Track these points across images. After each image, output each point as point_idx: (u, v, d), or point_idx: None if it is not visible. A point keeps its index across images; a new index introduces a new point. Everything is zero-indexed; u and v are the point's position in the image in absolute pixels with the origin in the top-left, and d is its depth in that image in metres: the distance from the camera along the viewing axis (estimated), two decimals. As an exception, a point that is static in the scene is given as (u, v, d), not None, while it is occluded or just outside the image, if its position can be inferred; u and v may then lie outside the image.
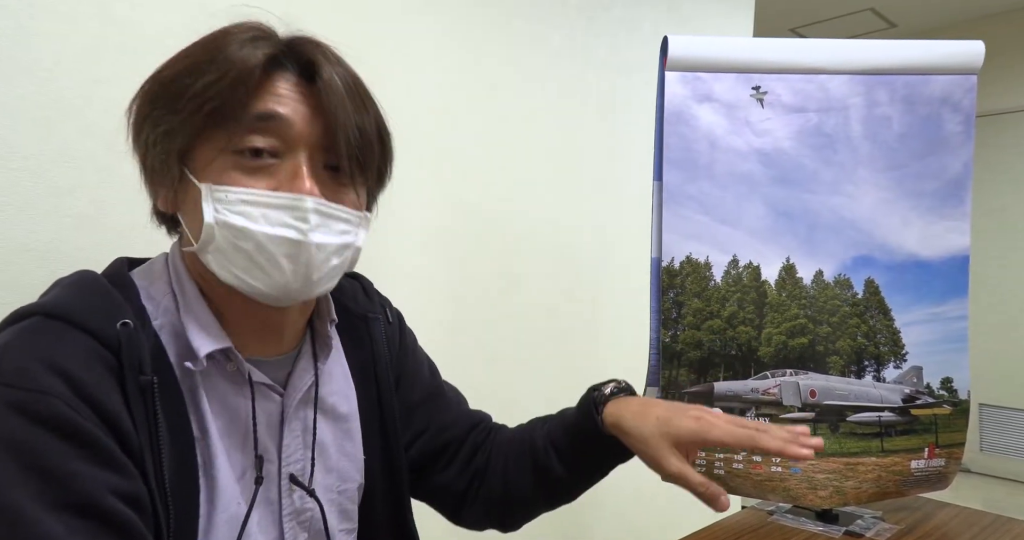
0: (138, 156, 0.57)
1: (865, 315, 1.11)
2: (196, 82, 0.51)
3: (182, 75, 0.53)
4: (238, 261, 0.53)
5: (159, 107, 0.54)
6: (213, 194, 0.52)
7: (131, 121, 0.56)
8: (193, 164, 0.54)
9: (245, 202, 0.52)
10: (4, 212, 0.82)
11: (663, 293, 1.10)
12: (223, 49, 0.52)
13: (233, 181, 0.52)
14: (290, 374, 0.63)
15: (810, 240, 1.10)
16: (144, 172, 0.57)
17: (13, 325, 0.51)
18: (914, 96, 1.10)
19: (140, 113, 0.55)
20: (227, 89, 0.51)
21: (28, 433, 0.46)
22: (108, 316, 0.51)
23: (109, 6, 0.91)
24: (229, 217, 0.52)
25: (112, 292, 0.54)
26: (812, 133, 1.10)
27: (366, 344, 0.71)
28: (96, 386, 0.49)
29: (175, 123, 0.52)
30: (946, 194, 1.11)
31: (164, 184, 0.56)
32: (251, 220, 0.52)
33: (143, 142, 0.55)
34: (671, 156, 1.09)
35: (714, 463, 1.07)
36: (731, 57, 1.09)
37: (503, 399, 1.52)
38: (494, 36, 1.47)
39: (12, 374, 0.47)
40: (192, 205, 0.54)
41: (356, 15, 1.23)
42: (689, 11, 1.98)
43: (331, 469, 0.66)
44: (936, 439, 1.11)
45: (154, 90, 0.55)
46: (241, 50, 0.52)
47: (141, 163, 0.57)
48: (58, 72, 0.86)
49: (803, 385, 1.09)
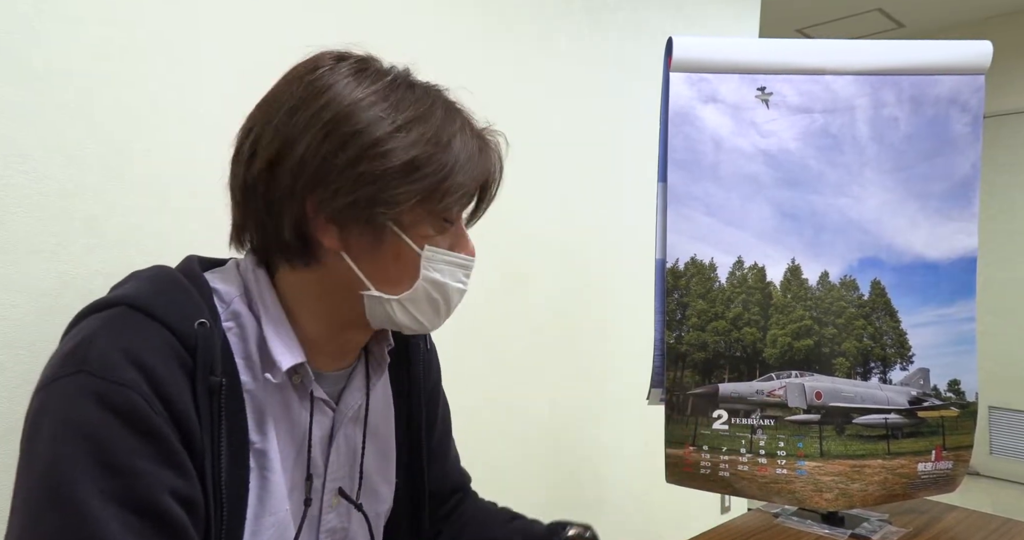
0: (334, 200, 0.56)
1: (871, 317, 1.11)
2: (447, 177, 0.57)
3: (426, 162, 0.56)
4: (426, 308, 0.61)
5: (391, 178, 0.56)
6: (426, 254, 0.59)
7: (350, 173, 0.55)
8: (401, 222, 0.58)
9: (444, 262, 0.61)
10: (12, 213, 0.83)
11: (668, 294, 1.09)
12: (458, 149, 0.58)
13: (437, 243, 0.60)
14: (343, 390, 0.66)
15: (816, 241, 1.10)
16: (334, 213, 0.57)
17: (97, 313, 0.54)
18: (921, 96, 1.09)
19: (379, 179, 0.56)
20: (470, 186, 0.60)
21: (105, 425, 0.48)
22: (187, 314, 0.54)
23: (115, 8, 0.91)
24: (432, 273, 0.60)
25: (191, 290, 0.57)
26: (818, 134, 1.09)
27: (404, 367, 0.74)
28: (171, 383, 0.51)
29: (407, 197, 0.56)
30: (954, 195, 1.10)
31: (347, 228, 0.58)
32: (444, 277, 0.61)
33: (346, 193, 0.55)
34: (676, 157, 1.08)
35: (719, 465, 1.07)
36: (736, 58, 1.09)
37: (508, 400, 1.53)
38: (500, 37, 1.47)
39: (98, 364, 0.49)
40: (392, 258, 0.59)
41: (358, 15, 1.23)
42: (694, 12, 1.98)
43: (370, 490, 0.68)
44: (943, 441, 1.10)
45: (390, 163, 0.55)
46: (476, 150, 0.60)
47: (321, 202, 0.56)
48: (65, 74, 0.87)
49: (808, 387, 1.08)
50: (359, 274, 0.59)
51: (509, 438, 1.52)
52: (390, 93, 0.58)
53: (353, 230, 0.57)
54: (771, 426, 1.07)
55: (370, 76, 0.58)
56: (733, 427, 1.08)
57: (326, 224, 0.57)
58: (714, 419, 1.08)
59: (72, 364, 0.50)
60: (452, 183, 0.57)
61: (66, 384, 0.49)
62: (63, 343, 0.53)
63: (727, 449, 1.07)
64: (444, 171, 0.57)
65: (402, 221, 0.58)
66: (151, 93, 0.94)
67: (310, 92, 0.56)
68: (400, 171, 0.55)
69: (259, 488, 0.57)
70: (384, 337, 0.69)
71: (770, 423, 1.07)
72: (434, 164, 0.56)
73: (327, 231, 0.57)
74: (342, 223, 0.57)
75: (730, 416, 1.08)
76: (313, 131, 0.55)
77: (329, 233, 0.57)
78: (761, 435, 1.07)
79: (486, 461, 1.45)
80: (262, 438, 0.58)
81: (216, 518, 0.53)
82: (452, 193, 0.58)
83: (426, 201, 0.57)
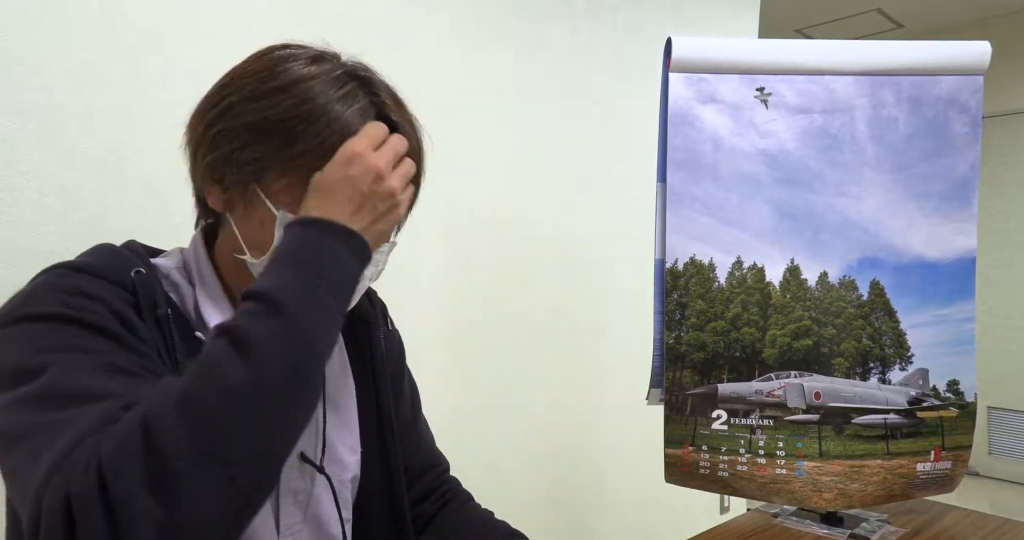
0: (200, 157, 0.60)
1: (870, 317, 1.11)
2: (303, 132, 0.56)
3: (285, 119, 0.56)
4: None
5: (255, 138, 0.57)
6: (280, 217, 0.57)
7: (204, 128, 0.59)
8: (267, 186, 0.58)
9: None
10: (12, 214, 0.83)
11: (667, 295, 1.09)
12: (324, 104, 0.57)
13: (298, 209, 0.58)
14: None
15: (815, 241, 1.10)
16: (206, 173, 0.60)
17: (36, 279, 0.56)
18: (920, 97, 1.09)
19: (225, 131, 0.58)
20: (329, 147, 0.56)
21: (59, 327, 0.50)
22: (122, 267, 0.56)
23: (114, 9, 0.91)
24: None
25: (124, 252, 0.59)
26: (817, 134, 1.10)
27: (365, 346, 0.74)
28: (122, 308, 0.53)
29: (267, 155, 0.57)
30: (953, 195, 1.10)
31: (226, 189, 0.60)
32: None
33: (219, 154, 0.58)
34: (675, 157, 1.08)
35: (718, 465, 1.07)
36: (735, 58, 1.09)
37: (508, 400, 1.53)
38: (499, 38, 1.47)
39: (40, 298, 0.52)
40: (257, 222, 0.59)
41: (359, 15, 1.23)
42: (694, 12, 1.98)
43: (334, 459, 0.68)
44: (942, 442, 1.10)
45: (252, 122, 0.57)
46: (342, 106, 0.57)
47: (205, 166, 0.60)
48: (64, 75, 0.87)
49: (808, 387, 1.08)
50: (238, 237, 0.60)
51: (509, 438, 1.52)
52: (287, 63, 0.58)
53: (233, 193, 0.59)
54: (770, 426, 1.07)
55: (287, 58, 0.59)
56: (732, 427, 1.08)
57: (210, 185, 0.60)
58: (713, 419, 1.08)
59: (17, 304, 0.52)
60: (300, 145, 0.56)
61: (14, 316, 0.51)
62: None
63: (726, 449, 1.07)
64: (293, 133, 0.56)
65: (269, 186, 0.58)
66: (150, 93, 0.94)
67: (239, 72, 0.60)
68: (248, 130, 0.57)
69: None
70: None
71: (769, 423, 1.07)
72: (284, 126, 0.56)
73: (211, 192, 0.60)
74: (220, 183, 0.59)
75: (729, 416, 1.08)
76: (204, 100, 0.60)
77: (213, 193, 0.60)
78: (760, 435, 1.07)
79: (486, 461, 1.46)
80: None
81: None
82: (304, 157, 0.56)
83: (281, 164, 0.57)
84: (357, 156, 0.55)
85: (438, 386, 1.34)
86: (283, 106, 0.56)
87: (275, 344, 0.46)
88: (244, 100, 0.57)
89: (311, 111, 0.56)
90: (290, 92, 0.57)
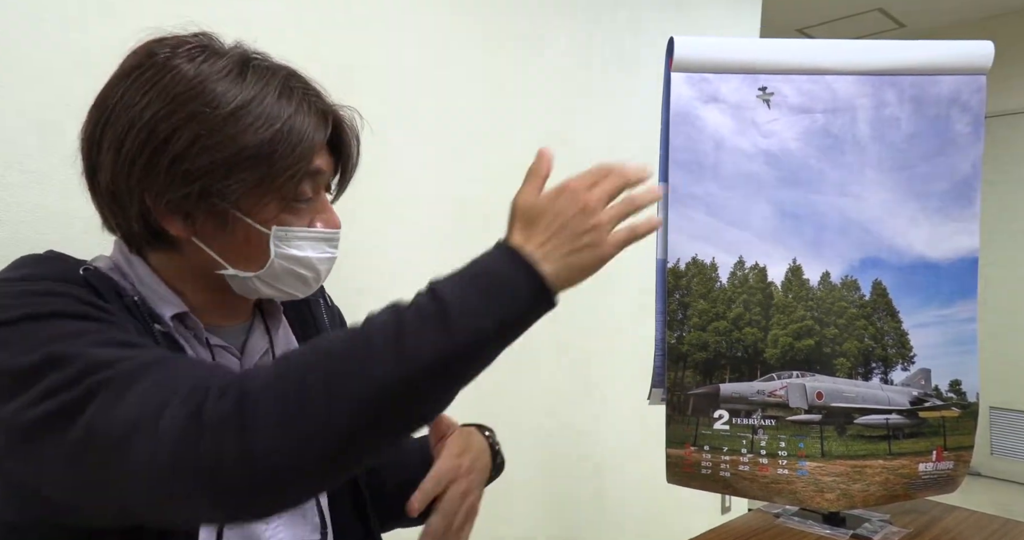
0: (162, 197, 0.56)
1: (872, 317, 1.11)
2: (274, 151, 0.56)
3: (262, 147, 0.56)
4: (288, 280, 0.63)
5: (236, 171, 0.56)
6: (276, 234, 0.60)
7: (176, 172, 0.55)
8: (245, 207, 0.59)
9: (298, 238, 0.61)
10: (15, 214, 0.83)
11: (669, 294, 1.09)
12: (294, 122, 0.58)
13: (287, 222, 0.61)
14: (246, 341, 0.68)
15: (817, 241, 1.10)
16: (167, 209, 0.57)
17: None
18: (922, 96, 1.09)
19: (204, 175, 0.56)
20: (303, 164, 0.59)
21: (47, 323, 0.49)
22: (66, 269, 0.56)
23: (117, 8, 0.91)
24: (288, 250, 0.61)
25: (57, 258, 0.59)
26: (819, 134, 1.09)
27: (310, 323, 0.76)
28: (90, 297, 0.53)
29: (252, 185, 0.57)
30: (955, 195, 1.10)
31: (190, 216, 0.58)
32: (303, 251, 0.62)
33: (193, 193, 0.56)
34: (677, 157, 1.08)
35: (720, 465, 1.07)
36: (737, 58, 1.09)
37: (508, 400, 1.53)
38: (500, 37, 1.47)
39: (9, 306, 0.50)
40: (240, 239, 0.60)
41: (359, 15, 1.23)
42: (695, 12, 1.98)
43: None
44: (944, 442, 1.10)
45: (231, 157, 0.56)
46: (311, 128, 0.59)
47: (171, 203, 0.57)
48: (67, 74, 0.87)
49: (810, 387, 1.08)
50: (214, 256, 0.60)
51: (509, 438, 1.51)
52: (217, 82, 0.56)
53: (197, 218, 0.58)
54: (772, 426, 1.07)
55: (200, 61, 0.57)
56: (734, 427, 1.08)
57: (169, 215, 0.58)
58: (715, 419, 1.08)
59: None
60: (281, 166, 0.57)
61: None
62: None
63: (728, 449, 1.07)
64: (274, 158, 0.56)
65: (244, 206, 0.58)
66: (152, 93, 0.94)
67: (137, 85, 0.56)
68: (225, 164, 0.55)
69: None
70: None
71: (771, 423, 1.07)
72: (262, 153, 0.56)
73: (171, 221, 0.58)
74: (184, 213, 0.58)
75: (731, 416, 1.08)
76: (137, 128, 0.55)
77: (174, 223, 0.58)
78: (762, 435, 1.07)
79: (487, 461, 1.45)
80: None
81: None
82: (286, 176, 0.58)
83: (262, 185, 0.57)
84: (570, 189, 0.58)
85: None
86: (255, 133, 0.56)
87: (429, 354, 0.48)
88: (208, 132, 0.55)
89: (280, 132, 0.57)
90: (251, 115, 0.56)
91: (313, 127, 0.59)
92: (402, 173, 1.32)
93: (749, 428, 1.07)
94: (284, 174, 0.57)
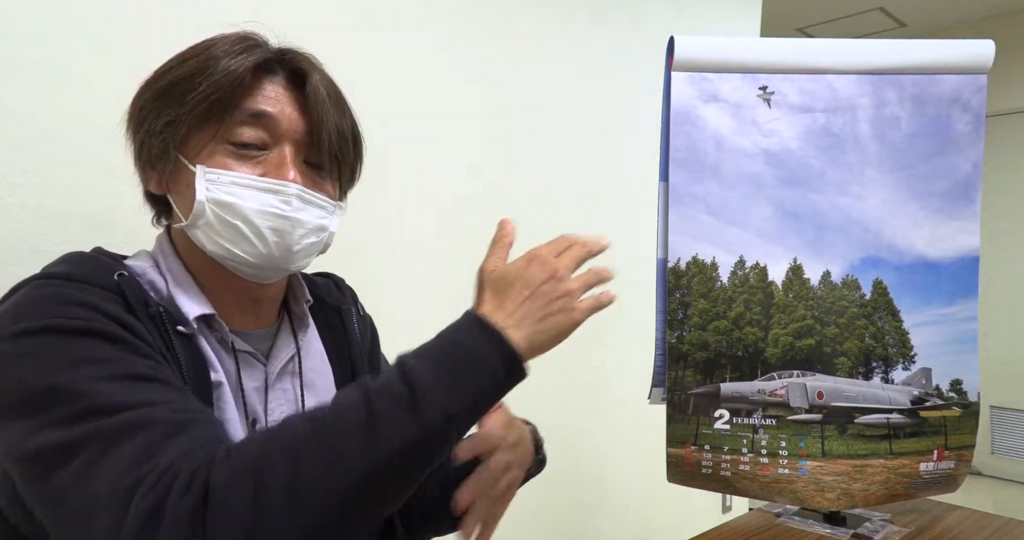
0: (135, 144, 0.63)
1: (873, 316, 1.11)
2: (198, 83, 0.58)
3: (183, 77, 0.59)
4: (226, 233, 0.60)
5: (163, 102, 0.60)
6: (206, 175, 0.59)
7: (133, 112, 0.62)
8: (188, 151, 0.60)
9: (235, 184, 0.59)
10: (16, 213, 0.83)
11: (669, 294, 1.09)
12: (219, 57, 0.59)
13: (225, 166, 0.59)
14: (271, 348, 0.68)
15: (817, 241, 1.10)
16: (140, 158, 0.63)
17: (13, 295, 0.54)
18: (923, 96, 1.09)
19: (144, 106, 0.61)
20: (224, 89, 0.58)
21: (64, 342, 0.49)
22: (104, 272, 0.56)
23: (117, 8, 0.91)
24: (220, 195, 0.59)
25: (98, 257, 0.60)
26: (819, 133, 1.09)
27: (340, 331, 0.76)
28: (117, 311, 0.53)
29: (176, 115, 0.59)
30: (955, 194, 1.10)
31: (158, 168, 0.61)
32: (240, 199, 0.59)
33: (144, 131, 0.61)
34: (677, 156, 1.08)
35: (721, 464, 1.07)
36: (738, 57, 1.09)
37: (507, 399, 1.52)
38: (500, 37, 1.47)
39: (33, 314, 0.51)
40: (185, 186, 0.60)
41: (359, 16, 1.23)
42: (695, 11, 1.98)
43: None
44: (945, 441, 1.10)
45: (159, 87, 0.60)
46: (235, 58, 0.60)
47: (138, 150, 0.63)
48: (68, 74, 0.87)
49: (810, 386, 1.08)
50: (177, 211, 0.62)
51: (510, 438, 1.51)
52: (198, 46, 0.61)
53: (165, 171, 0.61)
54: (773, 426, 1.07)
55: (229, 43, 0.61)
56: (735, 427, 1.07)
57: (148, 172, 0.62)
58: (716, 418, 1.08)
59: (7, 321, 0.51)
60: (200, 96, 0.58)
61: (10, 333, 0.50)
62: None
63: (729, 449, 1.07)
64: (194, 88, 0.58)
65: (189, 151, 0.60)
66: (153, 93, 0.94)
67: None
68: (157, 96, 0.59)
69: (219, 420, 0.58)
70: (297, 294, 0.71)
71: (772, 423, 1.07)
72: (183, 86, 0.58)
73: (150, 178, 0.63)
74: (152, 165, 0.61)
75: (732, 416, 1.08)
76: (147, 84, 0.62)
77: (152, 179, 0.62)
78: (763, 435, 1.07)
79: (487, 461, 1.46)
80: (215, 372, 0.60)
81: None
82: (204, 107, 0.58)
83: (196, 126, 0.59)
84: (540, 257, 0.58)
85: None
86: (185, 66, 0.59)
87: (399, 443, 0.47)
88: (157, 75, 0.61)
89: (207, 65, 0.58)
90: (194, 55, 0.60)
91: (238, 61, 0.59)
92: (399, 173, 1.32)
93: (750, 427, 1.07)
94: (202, 105, 0.58)
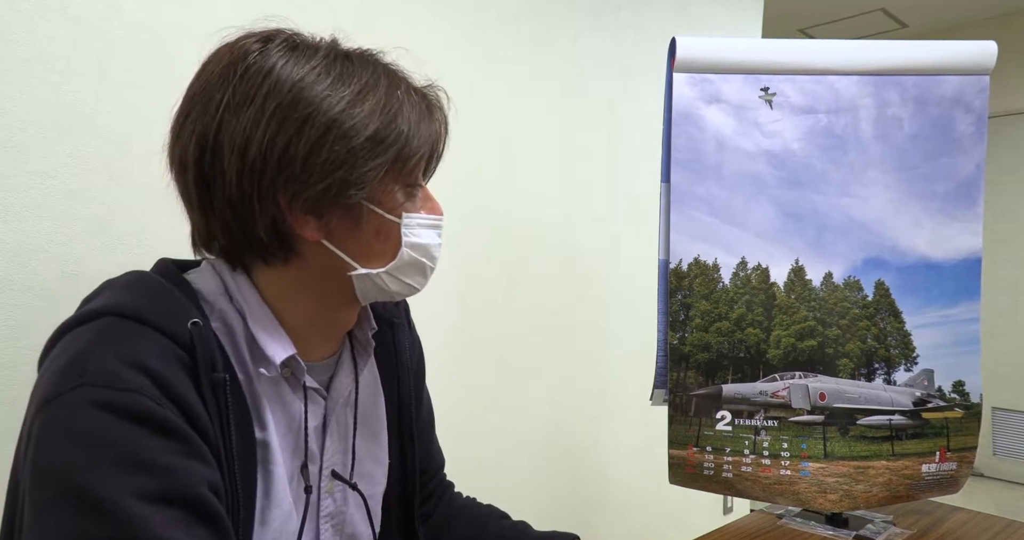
0: (301, 195, 0.55)
1: (875, 317, 1.10)
2: (405, 146, 0.58)
3: (390, 133, 0.57)
4: (412, 272, 0.62)
5: (371, 156, 0.56)
6: (405, 222, 0.60)
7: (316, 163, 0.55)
8: (374, 198, 0.59)
9: (420, 225, 0.62)
10: (18, 214, 0.83)
11: (671, 295, 1.09)
12: (425, 122, 0.60)
13: (408, 209, 0.61)
14: (332, 378, 0.66)
15: (819, 242, 1.10)
16: (303, 209, 0.56)
17: (82, 325, 0.52)
18: (925, 97, 1.09)
19: (343, 163, 0.55)
20: (429, 156, 0.62)
21: (120, 428, 0.47)
22: (178, 316, 0.53)
23: (120, 8, 0.92)
24: (413, 239, 0.61)
25: (174, 291, 0.56)
26: (822, 134, 1.09)
27: (391, 350, 0.74)
28: (177, 383, 0.51)
29: (371, 170, 0.56)
30: (958, 195, 1.10)
31: (325, 216, 0.57)
32: (421, 238, 0.62)
33: (334, 183, 0.55)
34: (679, 157, 1.08)
35: (722, 466, 1.07)
36: (739, 58, 1.09)
37: (509, 401, 1.53)
38: (501, 37, 1.47)
39: (96, 374, 0.48)
40: (370, 234, 0.59)
41: (359, 15, 1.23)
42: (697, 12, 1.98)
43: (363, 473, 0.68)
44: (947, 442, 1.09)
45: (369, 139, 0.56)
46: (434, 125, 0.61)
47: (309, 201, 0.56)
48: (69, 75, 0.87)
49: (812, 388, 1.08)
50: (344, 258, 0.59)
51: (511, 439, 1.52)
52: (330, 68, 0.56)
53: (332, 217, 0.57)
54: (775, 427, 1.07)
55: (304, 53, 0.57)
56: (736, 428, 1.07)
57: (303, 217, 0.56)
58: (717, 420, 1.08)
59: (71, 379, 0.48)
60: (411, 148, 0.58)
61: (70, 398, 0.47)
62: (53, 359, 0.51)
63: (730, 450, 1.07)
64: (403, 138, 0.57)
65: (375, 196, 0.58)
66: (154, 93, 0.94)
67: (248, 82, 0.54)
68: (364, 148, 0.55)
69: (264, 482, 0.57)
70: (366, 320, 0.69)
71: (774, 424, 1.07)
72: (392, 133, 0.57)
73: (305, 224, 0.57)
74: (319, 212, 0.56)
75: (733, 417, 1.08)
76: (264, 123, 0.53)
77: (308, 225, 0.57)
78: (765, 436, 1.07)
79: (487, 462, 1.45)
80: (263, 431, 0.58)
81: (231, 514, 0.53)
82: (413, 158, 0.59)
83: (392, 171, 0.58)
84: None
85: (441, 387, 1.34)
86: (380, 118, 0.56)
87: None
88: (344, 117, 0.55)
89: (400, 115, 0.58)
90: (369, 102, 0.56)
91: (426, 109, 0.61)
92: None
93: (752, 429, 1.07)
94: (414, 157, 0.58)
